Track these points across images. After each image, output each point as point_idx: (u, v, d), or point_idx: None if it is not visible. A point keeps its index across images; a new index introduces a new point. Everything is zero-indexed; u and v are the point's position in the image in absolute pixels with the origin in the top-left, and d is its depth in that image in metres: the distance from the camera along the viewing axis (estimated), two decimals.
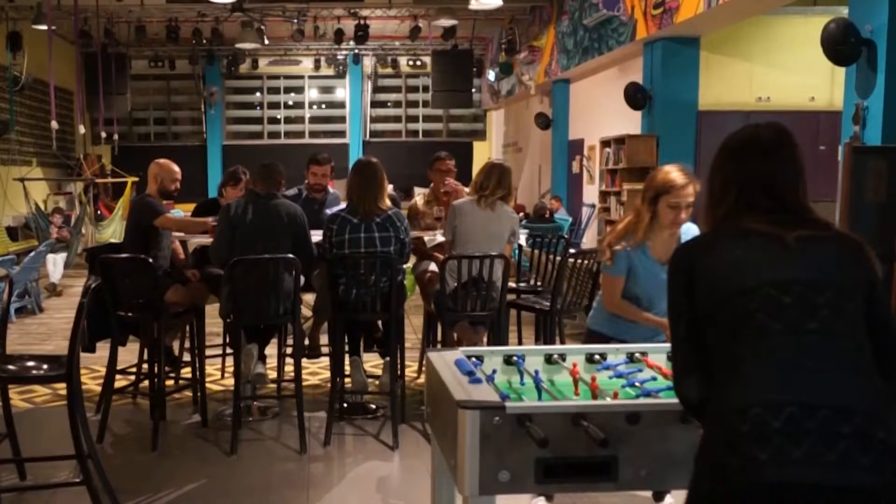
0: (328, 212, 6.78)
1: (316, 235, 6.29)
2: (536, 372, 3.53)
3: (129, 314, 6.11)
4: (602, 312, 4.58)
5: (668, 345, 4.03)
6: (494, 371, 3.59)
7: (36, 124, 17.87)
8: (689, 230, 4.37)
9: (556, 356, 3.80)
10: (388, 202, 6.11)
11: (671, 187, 4.17)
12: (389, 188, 6.33)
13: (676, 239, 4.34)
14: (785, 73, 12.29)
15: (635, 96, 12.34)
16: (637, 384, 3.47)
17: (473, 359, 3.66)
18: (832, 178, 12.26)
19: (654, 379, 3.53)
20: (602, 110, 15.00)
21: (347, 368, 6.25)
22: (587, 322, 4.73)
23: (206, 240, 6.54)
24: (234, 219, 6.10)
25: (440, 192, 7.11)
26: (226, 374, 7.57)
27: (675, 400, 3.14)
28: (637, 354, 3.83)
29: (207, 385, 6.95)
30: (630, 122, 12.96)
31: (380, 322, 6.42)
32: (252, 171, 6.66)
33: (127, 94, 19.00)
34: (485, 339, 6.45)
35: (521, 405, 3.00)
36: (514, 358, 3.72)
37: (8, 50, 16.28)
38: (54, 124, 13.20)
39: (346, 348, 6.38)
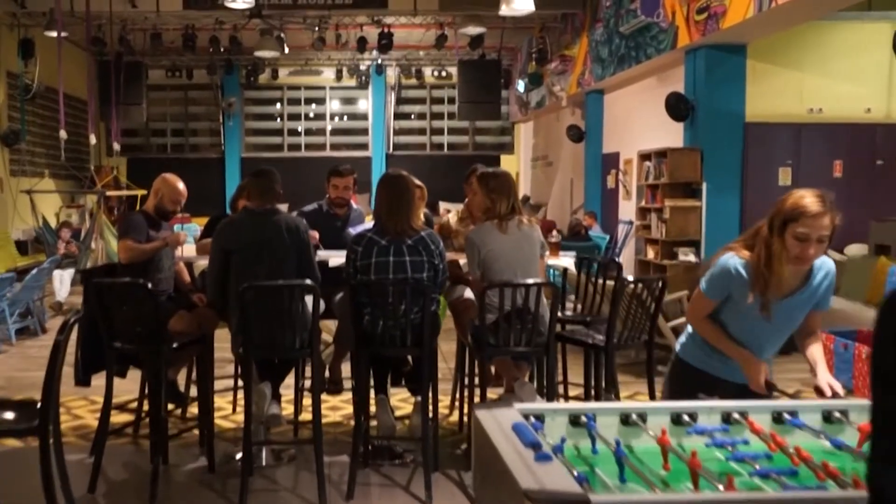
0: (352, 231, 6.05)
1: (338, 257, 5.58)
2: (618, 443, 2.78)
3: (127, 346, 5.34)
4: (695, 340, 3.86)
5: (771, 403, 3.31)
6: (563, 439, 2.87)
7: (49, 134, 17.23)
8: (825, 267, 3.64)
9: (634, 416, 3.07)
10: (421, 221, 5.39)
11: (801, 214, 3.37)
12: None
13: (802, 276, 3.61)
14: (838, 82, 11.55)
15: (677, 107, 11.61)
16: (747, 460, 2.73)
17: (532, 418, 2.95)
18: (892, 195, 11.59)
19: (769, 457, 2.78)
20: (639, 122, 14.27)
21: (373, 408, 5.50)
22: (676, 346, 3.99)
23: None
24: (228, 243, 5.39)
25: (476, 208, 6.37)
26: (238, 409, 6.86)
27: (816, 493, 2.44)
28: (735, 415, 3.09)
29: (217, 421, 6.27)
30: (669, 135, 12.24)
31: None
32: (249, 182, 5.82)
33: (142, 103, 18.42)
34: (527, 375, 5.70)
35: (610, 500, 2.28)
36: (584, 419, 3.00)
37: (20, 57, 15.71)
38: (63, 134, 12.60)
39: (371, 384, 5.63)
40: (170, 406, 5.78)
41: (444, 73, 21.92)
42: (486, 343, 5.29)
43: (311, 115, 23.77)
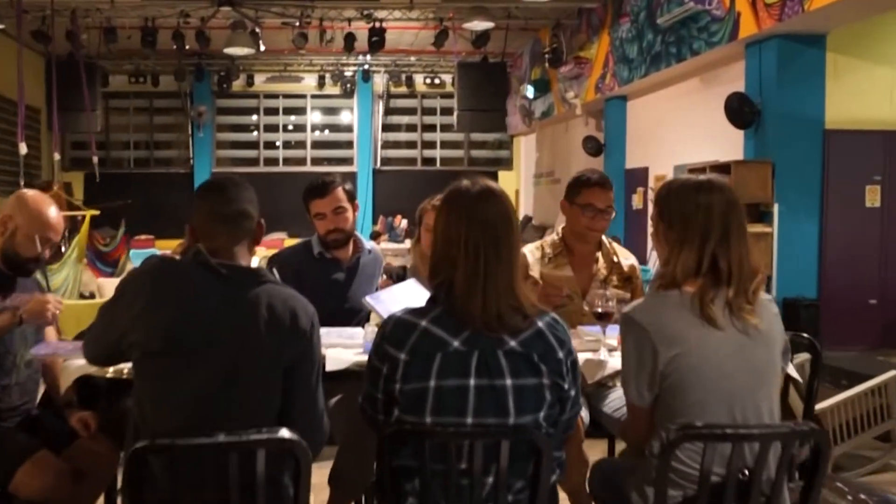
0: (373, 303, 3.42)
1: (341, 348, 3.21)
2: None
3: None
4: None
5: None
6: None
7: None
8: None
9: None
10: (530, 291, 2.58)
11: None
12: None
13: None
14: None
15: (741, 111, 9.47)
16: None
17: None
18: None
19: None
20: (676, 131, 12.17)
21: None
22: None
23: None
24: (142, 328, 2.51)
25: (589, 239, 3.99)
26: None
27: None
28: None
29: None
30: (716, 146, 10.26)
31: None
32: (197, 206, 2.74)
33: (97, 110, 16.22)
34: None
35: None
36: None
37: None
38: None
39: None
40: None
41: (437, 81, 20.07)
42: None
43: (290, 126, 21.75)
